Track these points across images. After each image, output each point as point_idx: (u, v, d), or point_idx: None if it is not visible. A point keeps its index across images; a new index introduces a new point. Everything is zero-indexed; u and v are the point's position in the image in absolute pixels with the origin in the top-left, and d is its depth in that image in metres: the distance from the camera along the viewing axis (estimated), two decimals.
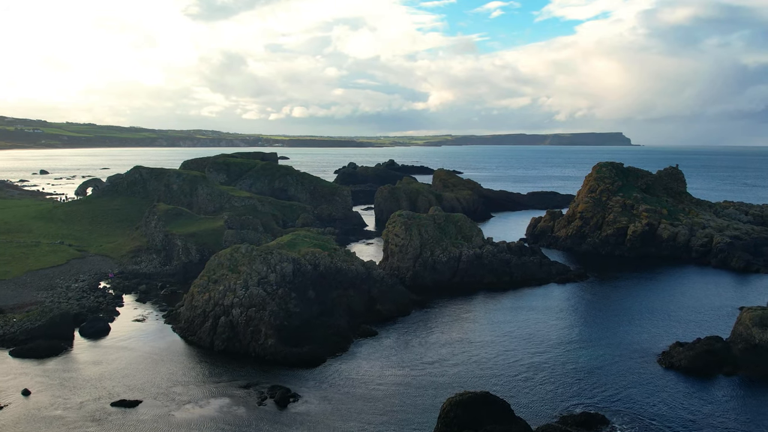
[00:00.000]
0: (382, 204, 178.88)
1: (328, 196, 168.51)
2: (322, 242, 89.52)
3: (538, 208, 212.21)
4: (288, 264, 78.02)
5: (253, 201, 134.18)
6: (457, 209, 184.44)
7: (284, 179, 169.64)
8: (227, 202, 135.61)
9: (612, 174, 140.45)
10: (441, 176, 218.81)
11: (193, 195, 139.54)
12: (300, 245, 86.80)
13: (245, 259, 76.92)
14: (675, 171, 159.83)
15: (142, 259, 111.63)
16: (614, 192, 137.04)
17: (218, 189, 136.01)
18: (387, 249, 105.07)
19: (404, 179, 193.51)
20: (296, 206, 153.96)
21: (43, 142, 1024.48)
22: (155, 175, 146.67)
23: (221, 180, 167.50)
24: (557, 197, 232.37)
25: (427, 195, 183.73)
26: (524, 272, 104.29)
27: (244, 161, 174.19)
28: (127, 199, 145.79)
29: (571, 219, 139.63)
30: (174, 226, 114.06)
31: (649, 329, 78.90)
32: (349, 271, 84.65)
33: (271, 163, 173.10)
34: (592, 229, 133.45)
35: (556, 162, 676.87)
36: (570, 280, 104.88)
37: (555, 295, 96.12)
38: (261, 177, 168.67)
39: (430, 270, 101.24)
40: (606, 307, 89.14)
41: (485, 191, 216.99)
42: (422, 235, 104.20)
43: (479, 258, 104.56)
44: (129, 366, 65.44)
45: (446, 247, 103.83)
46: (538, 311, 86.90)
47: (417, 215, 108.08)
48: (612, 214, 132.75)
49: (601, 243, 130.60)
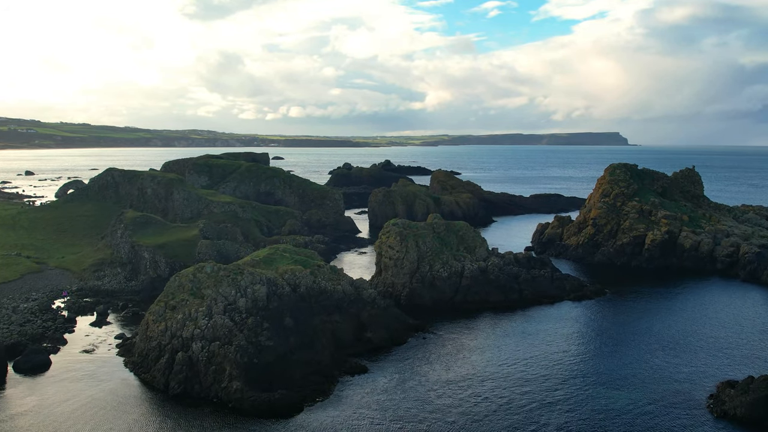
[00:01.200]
0: (376, 208, 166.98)
1: (318, 200, 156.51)
2: (304, 257, 77.44)
3: (542, 212, 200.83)
4: (261, 286, 65.90)
5: (234, 207, 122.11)
6: (456, 214, 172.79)
7: (271, 182, 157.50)
8: (205, 208, 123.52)
9: (627, 176, 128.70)
10: (439, 178, 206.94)
11: (168, 200, 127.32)
12: (278, 262, 74.74)
13: (210, 280, 64.85)
14: (692, 173, 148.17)
15: (105, 273, 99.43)
16: (630, 196, 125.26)
17: (196, 193, 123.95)
18: (380, 262, 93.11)
19: (400, 181, 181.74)
20: (283, 212, 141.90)
21: (36, 142, 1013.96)
22: (128, 178, 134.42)
23: (203, 183, 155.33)
24: (561, 200, 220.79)
25: (425, 199, 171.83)
26: (535, 289, 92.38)
27: (228, 163, 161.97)
28: (98, 205, 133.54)
29: (582, 226, 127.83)
30: (142, 236, 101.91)
31: (688, 361, 67.08)
32: (334, 292, 72.59)
33: (257, 165, 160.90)
34: (605, 238, 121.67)
35: (555, 162, 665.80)
36: (586, 297, 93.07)
37: (571, 317, 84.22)
38: (246, 180, 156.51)
39: (428, 287, 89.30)
40: (632, 332, 77.25)
41: (486, 194, 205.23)
42: (420, 246, 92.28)
43: (484, 273, 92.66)
44: (61, 417, 53.31)
45: (447, 260, 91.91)
46: (554, 337, 75.02)
47: (414, 224, 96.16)
48: (628, 220, 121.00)
49: (616, 253, 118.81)
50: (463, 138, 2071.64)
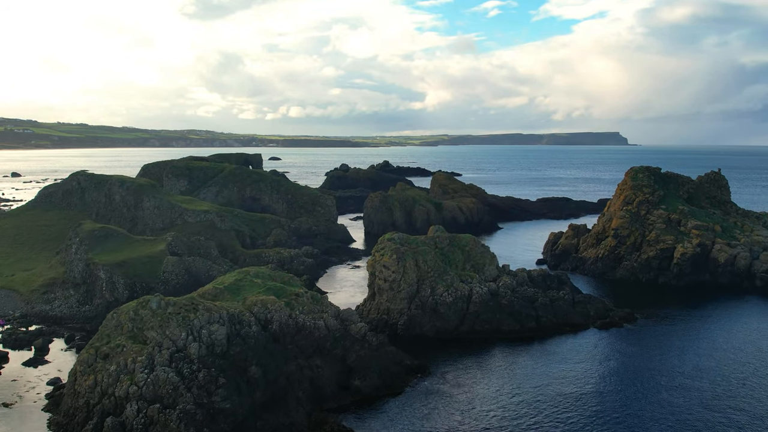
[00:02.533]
0: (372, 215, 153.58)
1: (309, 206, 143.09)
2: (279, 284, 63.93)
3: (550, 217, 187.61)
4: (220, 327, 52.40)
5: (212, 216, 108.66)
6: (459, 220, 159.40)
7: (257, 186, 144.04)
8: (179, 218, 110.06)
9: (651, 181, 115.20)
10: (440, 181, 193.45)
11: (138, 208, 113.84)
12: (246, 290, 61.29)
13: (155, 319, 51.36)
14: (718, 176, 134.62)
15: (55, 296, 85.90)
16: (655, 204, 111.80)
17: (168, 201, 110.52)
18: (373, 284, 79.65)
19: (398, 185, 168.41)
20: (269, 220, 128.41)
21: (32, 142, 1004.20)
22: (95, 183, 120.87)
23: (182, 188, 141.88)
24: (570, 204, 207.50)
25: (425, 204, 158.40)
26: (554, 315, 78.86)
27: (210, 165, 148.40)
28: (62, 213, 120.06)
29: (600, 237, 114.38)
30: (100, 251, 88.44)
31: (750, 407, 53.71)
32: (315, 329, 59.09)
33: (241, 168, 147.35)
34: (629, 250, 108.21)
35: (557, 162, 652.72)
36: (614, 324, 79.57)
37: (601, 351, 70.69)
38: (229, 184, 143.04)
39: (430, 314, 75.84)
40: (677, 371, 63.75)
41: (490, 198, 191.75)
42: (420, 266, 78.83)
43: (495, 296, 79.20)
44: None
45: (451, 281, 78.45)
46: (584, 378, 61.58)
47: (412, 239, 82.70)
48: (654, 231, 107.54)
49: (640, 268, 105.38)
50: (463, 138, 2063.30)
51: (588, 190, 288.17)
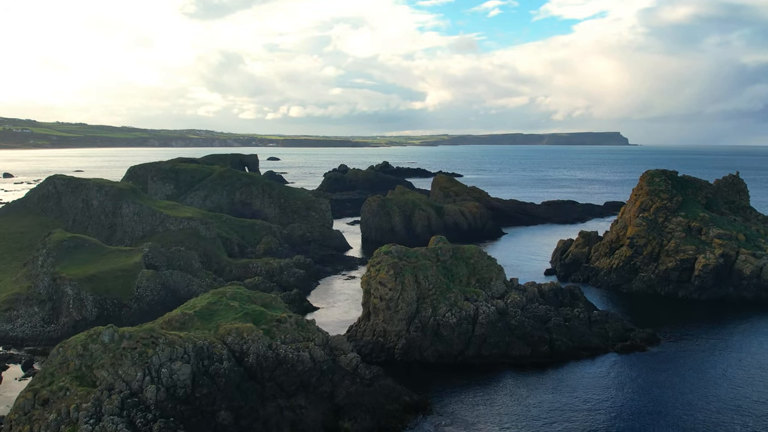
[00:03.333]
0: (370, 220, 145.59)
1: (302, 211, 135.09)
2: (259, 308, 55.94)
3: (556, 222, 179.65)
4: (183, 365, 44.46)
5: (195, 223, 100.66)
6: (461, 225, 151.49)
7: (247, 190, 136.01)
8: (160, 225, 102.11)
9: (668, 186, 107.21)
10: (441, 183, 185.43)
11: (116, 215, 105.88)
12: (220, 316, 53.35)
13: (107, 356, 43.47)
14: (736, 180, 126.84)
15: (19, 313, 77.91)
16: (673, 210, 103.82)
17: (149, 207, 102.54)
18: (368, 303, 71.68)
19: (397, 189, 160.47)
20: (259, 226, 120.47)
21: (31, 142, 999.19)
22: (72, 187, 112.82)
23: (168, 192, 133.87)
24: (576, 207, 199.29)
25: (425, 208, 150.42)
26: (569, 337, 70.84)
27: (198, 168, 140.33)
28: (37, 219, 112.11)
29: (614, 245, 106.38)
30: (68, 264, 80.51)
31: None
32: (299, 362, 51.11)
33: (231, 171, 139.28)
34: (645, 261, 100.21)
35: (559, 163, 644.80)
36: (636, 347, 71.53)
37: (623, 380, 62.71)
38: (218, 188, 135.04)
39: (431, 337, 67.89)
40: (715, 409, 55.81)
41: (494, 201, 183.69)
42: (420, 282, 70.86)
43: (504, 316, 71.25)
44: None
45: (455, 300, 70.47)
46: (608, 417, 53.61)
47: (412, 252, 74.67)
48: (673, 240, 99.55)
49: (658, 280, 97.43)
50: (463, 138, 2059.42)
51: (593, 192, 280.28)
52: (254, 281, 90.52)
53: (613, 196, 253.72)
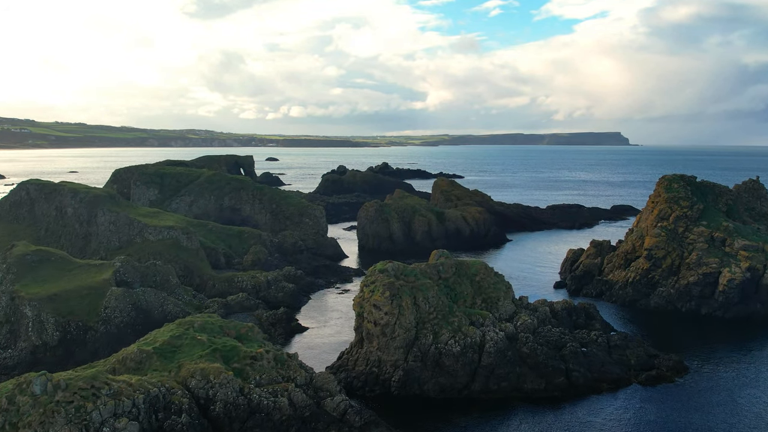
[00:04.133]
0: (367, 226, 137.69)
1: (295, 218, 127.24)
2: (231, 342, 48.03)
3: (562, 227, 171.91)
4: (129, 423, 36.52)
5: (176, 233, 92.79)
6: (464, 231, 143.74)
7: (236, 195, 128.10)
8: (138, 235, 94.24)
9: (688, 193, 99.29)
10: (442, 187, 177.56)
11: (91, 223, 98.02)
12: (183, 353, 45.49)
13: (36, 412, 35.61)
14: (756, 185, 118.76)
15: None
16: (694, 219, 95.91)
17: (126, 215, 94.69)
18: (361, 327, 63.81)
19: (396, 193, 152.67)
20: (247, 234, 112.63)
21: (30, 142, 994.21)
22: (46, 194, 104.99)
23: (151, 197, 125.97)
24: (582, 212, 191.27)
25: (426, 214, 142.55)
26: (587, 366, 62.95)
27: (185, 171, 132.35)
28: (9, 228, 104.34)
29: (630, 257, 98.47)
30: (30, 281, 72.68)
31: None
32: (275, 409, 43.22)
33: (219, 175, 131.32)
34: (665, 275, 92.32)
35: (561, 163, 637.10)
36: (662, 377, 63.67)
37: (652, 419, 54.82)
38: (205, 192, 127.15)
39: (432, 368, 60.03)
40: None
41: (497, 206, 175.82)
42: (419, 305, 62.99)
43: (513, 342, 63.40)
44: None
45: (459, 325, 62.60)
46: None
47: (410, 270, 66.73)
48: (694, 252, 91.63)
49: (679, 295, 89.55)
50: (464, 138, 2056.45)
51: (598, 195, 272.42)
52: (238, 298, 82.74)
53: (619, 199, 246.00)
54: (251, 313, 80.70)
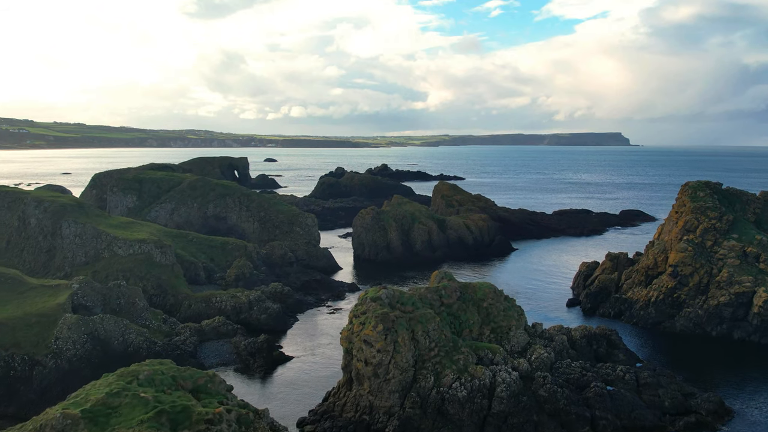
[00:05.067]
0: (362, 235, 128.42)
1: (285, 226, 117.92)
2: (184, 399, 38.66)
3: (570, 234, 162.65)
4: None
5: (149, 247, 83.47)
6: (466, 240, 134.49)
7: (222, 202, 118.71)
8: (107, 249, 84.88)
9: (715, 202, 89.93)
10: (443, 192, 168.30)
11: (56, 236, 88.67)
12: (121, 417, 36.05)
13: None
14: None
15: None
16: (724, 232, 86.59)
17: (93, 227, 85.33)
18: (350, 366, 54.50)
19: (394, 199, 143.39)
20: (232, 245, 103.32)
21: (28, 142, 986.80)
22: (8, 202, 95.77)
23: (129, 205, 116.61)
24: (591, 218, 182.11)
25: (426, 222, 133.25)
26: (615, 412, 53.60)
27: (166, 177, 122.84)
28: None
29: (651, 272, 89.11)
30: None
31: None
32: None
33: (203, 180, 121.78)
34: (692, 294, 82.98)
35: (564, 165, 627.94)
36: (703, 425, 54.32)
37: None
38: (187, 199, 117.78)
39: (434, 416, 50.71)
40: None
41: (501, 212, 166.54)
42: (419, 340, 53.69)
43: (529, 382, 54.05)
44: None
45: (465, 364, 53.26)
46: None
47: (407, 298, 57.34)
48: (725, 269, 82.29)
49: (708, 317, 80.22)
50: (464, 138, 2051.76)
51: (604, 198, 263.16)
52: (213, 323, 73.45)
53: (627, 203, 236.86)
54: (228, 340, 71.49)
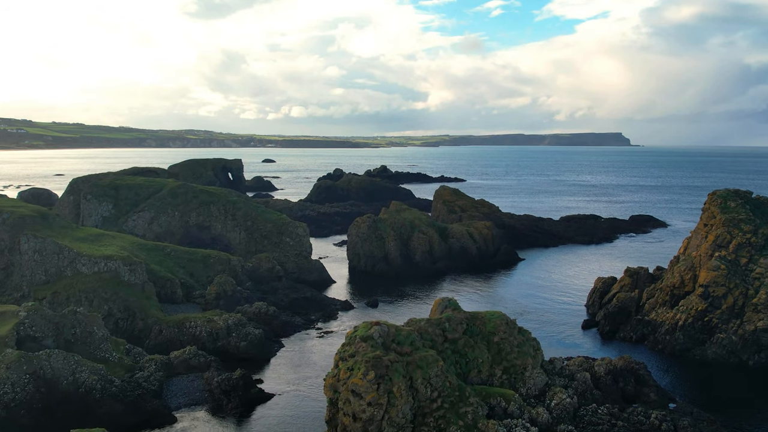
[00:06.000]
0: (358, 245, 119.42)
1: (274, 236, 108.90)
2: None
3: (579, 242, 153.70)
4: None
5: (116, 264, 74.49)
6: (470, 250, 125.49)
7: (205, 210, 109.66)
8: (69, 266, 75.82)
9: (749, 213, 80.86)
10: (445, 197, 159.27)
11: (14, 251, 79.63)
12: None
13: None
14: None
15: None
16: (760, 248, 77.49)
17: (53, 242, 76.26)
18: (335, 421, 45.43)
19: (392, 205, 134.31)
20: (214, 259, 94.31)
21: (26, 142, 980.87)
22: None
23: (105, 213, 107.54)
24: (600, 224, 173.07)
25: (427, 230, 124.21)
26: None
27: (145, 183, 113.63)
28: None
29: (677, 292, 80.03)
30: None
31: None
32: None
33: (185, 186, 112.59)
34: (725, 317, 73.90)
35: (566, 165, 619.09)
36: None
37: None
38: (168, 207, 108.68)
39: None
40: None
41: (506, 218, 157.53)
42: (418, 388, 44.66)
43: None
44: None
45: (474, 418, 44.24)
46: None
47: (404, 336, 48.20)
48: (763, 289, 73.25)
49: (743, 344, 71.14)
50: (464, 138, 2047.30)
51: (612, 202, 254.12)
52: (184, 354, 64.37)
53: (636, 207, 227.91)
54: (199, 374, 62.44)
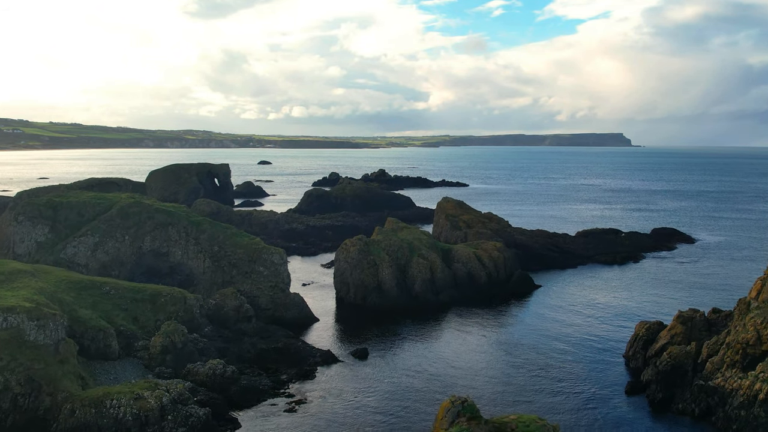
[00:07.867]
0: (346, 272, 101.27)
1: (245, 265, 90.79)
2: None
3: (600, 261, 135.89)
4: None
5: (18, 319, 56.54)
6: (478, 278, 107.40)
7: (163, 233, 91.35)
8: None
9: None
10: (448, 210, 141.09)
11: None
12: None
13: None
14: None
15: None
16: None
17: None
18: None
19: (388, 223, 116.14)
20: (166, 297, 76.13)
21: (22, 143, 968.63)
22: None
23: (39, 238, 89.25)
24: (621, 239, 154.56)
25: (427, 254, 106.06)
26: None
27: (91, 200, 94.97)
28: None
29: (753, 351, 61.76)
30: None
31: None
32: None
33: (139, 205, 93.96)
34: None
35: (572, 168, 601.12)
36: None
37: None
38: (116, 231, 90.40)
39: None
40: None
41: (517, 234, 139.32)
42: None
43: None
44: None
45: None
46: None
47: None
48: None
49: None
50: (465, 139, 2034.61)
51: (628, 209, 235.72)
52: None
53: (654, 217, 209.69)
54: None
